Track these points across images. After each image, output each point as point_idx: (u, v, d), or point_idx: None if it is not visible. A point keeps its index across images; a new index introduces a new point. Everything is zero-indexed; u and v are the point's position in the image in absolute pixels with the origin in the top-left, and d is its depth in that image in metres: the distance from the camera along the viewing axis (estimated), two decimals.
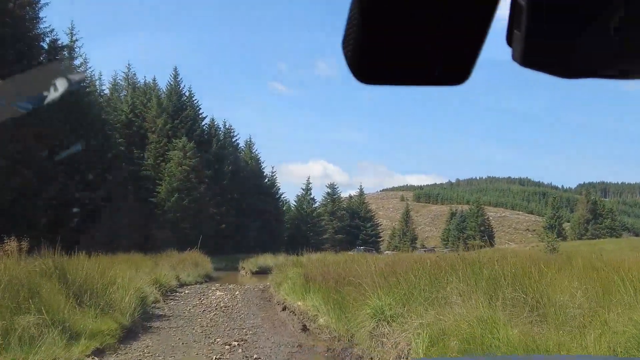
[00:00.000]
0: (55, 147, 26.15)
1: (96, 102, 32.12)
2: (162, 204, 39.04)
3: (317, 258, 20.03)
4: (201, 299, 12.74)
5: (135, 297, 8.31)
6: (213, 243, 40.73)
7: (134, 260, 14.51)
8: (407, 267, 7.97)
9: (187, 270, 18.97)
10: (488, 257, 7.35)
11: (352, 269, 10.04)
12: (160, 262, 17.37)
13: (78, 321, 5.91)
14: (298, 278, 11.03)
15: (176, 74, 46.12)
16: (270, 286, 15.27)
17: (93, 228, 29.54)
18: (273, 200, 53.72)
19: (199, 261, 21.94)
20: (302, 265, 13.12)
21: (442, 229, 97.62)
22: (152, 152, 40.92)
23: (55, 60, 27.95)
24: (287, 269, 13.87)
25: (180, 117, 44.18)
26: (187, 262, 20.26)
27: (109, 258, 12.56)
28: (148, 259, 16.78)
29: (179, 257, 21.22)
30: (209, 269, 22.57)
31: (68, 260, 7.86)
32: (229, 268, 28.78)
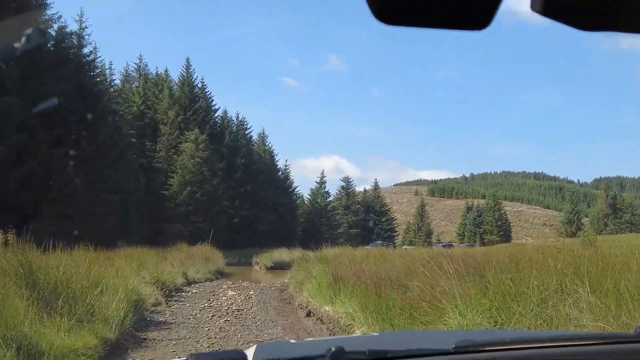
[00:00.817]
0: (62, 137, 24.86)
1: (106, 92, 30.75)
2: (174, 196, 37.77)
3: (336, 253, 18.40)
4: (210, 300, 11.20)
5: (127, 301, 6.70)
6: (226, 237, 39.42)
7: (137, 255, 12.95)
8: (479, 263, 6.24)
9: (196, 266, 17.23)
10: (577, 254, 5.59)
11: (390, 266, 8.44)
12: (168, 257, 15.83)
13: (44, 336, 4.42)
14: (324, 277, 9.39)
15: (188, 65, 44.75)
16: (290, 285, 13.60)
17: (101, 221, 28.27)
18: (287, 193, 52.22)
19: (210, 256, 20.17)
20: (327, 262, 11.45)
21: (458, 224, 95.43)
22: (164, 144, 39.64)
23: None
24: (310, 266, 12.15)
25: (193, 108, 42.83)
26: (197, 257, 18.61)
27: (109, 253, 11.06)
28: (155, 253, 15.24)
29: (189, 251, 19.67)
30: (221, 264, 20.63)
31: (41, 256, 6.31)
32: (242, 263, 27.22)
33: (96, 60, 29.98)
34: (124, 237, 30.83)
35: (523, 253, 12.92)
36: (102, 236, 28.55)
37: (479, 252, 17.50)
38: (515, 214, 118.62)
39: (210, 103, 45.48)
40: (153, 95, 42.16)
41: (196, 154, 39.53)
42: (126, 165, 31.62)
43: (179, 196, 37.77)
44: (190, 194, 37.79)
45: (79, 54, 27.29)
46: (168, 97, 41.80)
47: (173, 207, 37.41)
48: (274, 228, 47.52)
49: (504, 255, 11.99)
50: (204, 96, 45.03)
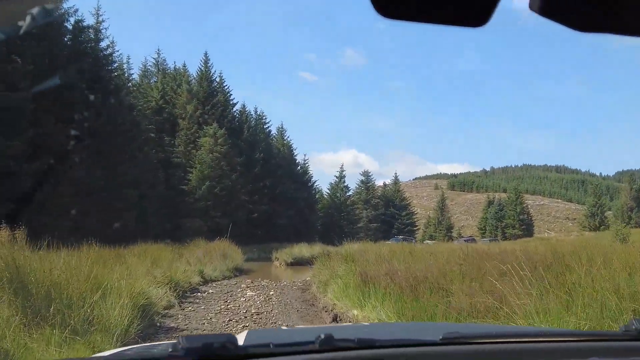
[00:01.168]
0: (79, 132, 24.44)
1: (124, 86, 30.32)
2: (193, 191, 37.34)
3: (359, 248, 17.56)
4: (227, 302, 10.29)
5: (133, 305, 5.96)
6: (244, 232, 38.89)
7: (152, 252, 12.29)
8: (532, 260, 5.33)
9: (214, 263, 16.25)
10: None
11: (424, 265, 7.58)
12: (184, 254, 15.14)
13: (30, 352, 3.73)
14: (351, 277, 8.56)
15: (206, 59, 44.22)
16: (312, 284, 12.76)
17: (120, 216, 27.89)
18: (306, 188, 51.50)
19: (228, 252, 19.22)
20: (353, 260, 10.59)
21: (479, 218, 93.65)
22: (182, 139, 39.21)
23: None
24: (334, 264, 11.26)
25: (211, 103, 42.33)
26: (215, 254, 17.66)
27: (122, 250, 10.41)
28: (171, 250, 14.59)
29: (207, 247, 18.86)
30: (239, 261, 19.57)
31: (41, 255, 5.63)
32: (262, 258, 26.48)
33: (113, 54, 29.54)
34: (142, 232, 30.50)
35: (562, 247, 11.85)
36: (121, 232, 28.23)
37: (508, 247, 16.49)
38: (537, 207, 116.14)
39: (228, 97, 44.93)
40: (171, 90, 41.76)
41: (215, 148, 39.02)
42: (144, 160, 31.20)
43: (197, 191, 37.34)
44: (209, 189, 37.33)
45: (95, 48, 26.85)
46: (186, 92, 41.36)
47: (192, 202, 36.99)
48: (293, 223, 46.89)
49: (541, 250, 10.95)
50: (222, 90, 44.50)
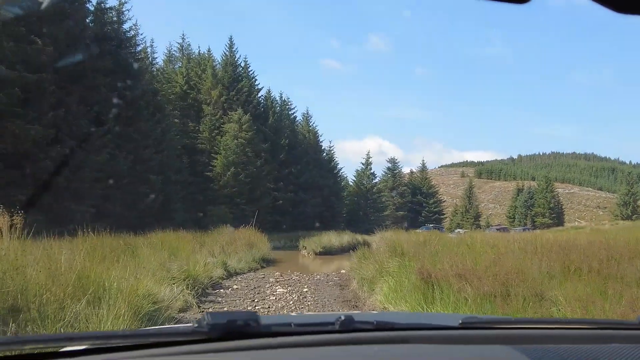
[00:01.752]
0: (102, 116, 23.62)
1: (147, 70, 29.38)
2: (217, 178, 36.46)
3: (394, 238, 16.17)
4: (254, 302, 8.80)
5: (132, 315, 4.68)
6: (269, 219, 37.96)
7: (171, 241, 11.15)
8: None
9: (239, 253, 14.69)
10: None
11: (487, 259, 6.22)
12: (207, 242, 13.97)
13: None
14: (405, 274, 7.12)
15: (231, 43, 43.09)
16: (352, 280, 11.17)
17: (144, 202, 27.12)
18: (332, 175, 50.20)
19: (254, 240, 17.78)
20: (403, 254, 9.11)
21: (507, 206, 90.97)
22: (207, 125, 38.29)
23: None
24: (381, 257, 9.70)
25: (236, 88, 41.26)
26: (239, 242, 16.28)
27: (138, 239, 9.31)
28: (192, 238, 13.44)
29: (231, 235, 17.49)
30: (266, 250, 17.87)
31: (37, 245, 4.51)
32: (288, 247, 25.27)
33: (137, 37, 28.59)
34: (166, 219, 29.77)
35: (615, 237, 10.25)
36: (144, 218, 27.49)
37: (552, 236, 14.90)
38: (567, 196, 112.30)
39: (253, 83, 43.78)
40: (196, 75, 40.83)
41: (240, 134, 38.02)
42: (169, 145, 30.34)
43: (222, 178, 36.46)
44: (233, 176, 36.40)
45: (118, 30, 25.90)
46: (211, 77, 40.37)
47: (217, 188, 36.15)
48: (319, 210, 45.75)
49: (598, 240, 9.41)
50: (247, 75, 43.36)
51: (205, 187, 36.12)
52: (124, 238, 9.81)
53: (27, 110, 19.21)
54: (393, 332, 1.33)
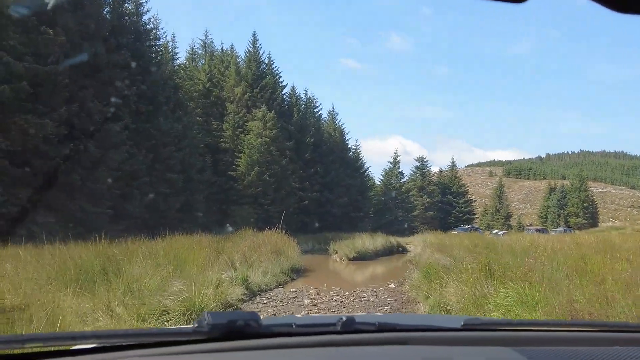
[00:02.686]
0: (119, 112, 22.09)
1: (167, 64, 27.83)
2: (241, 178, 34.78)
3: (438, 242, 14.03)
4: None
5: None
6: (295, 220, 36.14)
7: (181, 248, 9.15)
8: None
9: (263, 263, 12.02)
10: None
11: None
12: (227, 249, 11.80)
13: None
14: (517, 306, 4.94)
15: (255, 40, 41.41)
16: (420, 304, 8.48)
17: (165, 202, 25.56)
18: (358, 174, 48.08)
19: (281, 246, 14.83)
20: (490, 270, 6.83)
21: (539, 206, 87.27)
22: (230, 123, 36.67)
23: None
24: (468, 278, 6.96)
25: (260, 85, 39.56)
26: (264, 248, 13.61)
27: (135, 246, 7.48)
28: (209, 244, 11.43)
29: (255, 240, 14.66)
30: (295, 258, 14.66)
31: None
32: (317, 250, 23.16)
33: (157, 31, 27.06)
34: (188, 220, 28.21)
35: None
36: (164, 219, 25.93)
37: (602, 237, 12.56)
38: (600, 195, 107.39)
39: (277, 80, 42.02)
40: (219, 73, 39.29)
41: (264, 132, 36.30)
42: (190, 143, 28.77)
43: (246, 177, 34.77)
44: (258, 175, 34.68)
45: (136, 22, 24.38)
46: (234, 74, 38.77)
47: (240, 188, 34.48)
48: (346, 210, 43.72)
49: None
50: (271, 72, 41.61)
51: (228, 187, 34.52)
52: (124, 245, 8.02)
53: (37, 105, 17.75)
54: (395, 333, 1.31)
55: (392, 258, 19.86)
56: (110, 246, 7.75)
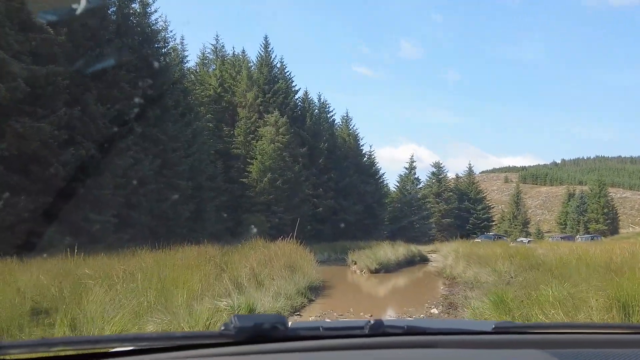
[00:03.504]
0: (124, 115, 20.88)
1: (176, 67, 26.64)
2: (253, 185, 33.43)
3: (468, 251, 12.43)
4: None
5: None
6: (309, 228, 34.67)
7: (179, 262, 7.67)
8: None
9: (275, 281, 10.04)
10: None
11: None
12: (233, 263, 10.02)
13: None
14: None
15: (267, 43, 40.27)
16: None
17: (174, 210, 24.24)
18: (373, 180, 46.46)
19: (295, 260, 12.54)
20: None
21: (557, 212, 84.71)
22: (242, 129, 35.43)
23: None
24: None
25: (272, 90, 38.31)
26: (277, 261, 11.55)
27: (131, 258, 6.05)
28: (214, 255, 9.88)
29: (266, 251, 12.51)
30: (312, 274, 12.21)
31: None
32: (334, 261, 21.49)
33: (166, 32, 25.89)
34: (199, 228, 26.89)
35: None
36: (173, 228, 24.61)
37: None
38: (619, 200, 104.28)
39: (290, 84, 40.73)
40: (230, 78, 38.13)
41: (276, 138, 34.98)
42: (200, 148, 27.48)
43: (258, 184, 33.42)
44: (270, 182, 33.31)
45: (142, 22, 23.23)
46: (246, 79, 37.56)
47: (253, 196, 33.11)
48: (360, 218, 42.11)
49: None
50: (284, 77, 40.34)
51: (240, 194, 33.18)
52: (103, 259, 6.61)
53: (35, 108, 16.58)
54: (423, 336, 1.30)
55: (415, 269, 18.15)
56: (85, 262, 6.36)
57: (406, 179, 50.01)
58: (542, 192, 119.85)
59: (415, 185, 50.22)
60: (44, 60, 16.99)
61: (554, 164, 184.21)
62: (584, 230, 74.01)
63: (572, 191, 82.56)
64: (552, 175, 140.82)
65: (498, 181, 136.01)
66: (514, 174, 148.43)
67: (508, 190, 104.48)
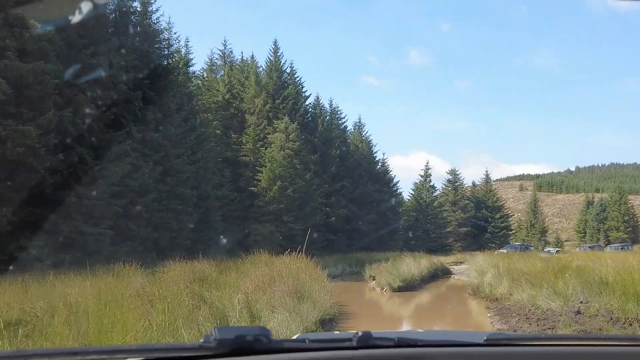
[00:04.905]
0: (121, 118, 19.25)
1: (180, 70, 25.05)
2: (263, 193, 31.64)
3: (509, 267, 10.46)
4: None
5: None
6: (321, 238, 32.72)
7: (124, 294, 5.47)
8: None
9: (276, 314, 7.69)
10: None
11: None
12: (225, 284, 7.95)
13: None
14: None
15: (276, 48, 38.69)
16: None
17: (177, 220, 22.50)
18: (387, 188, 44.42)
19: (304, 282, 9.80)
20: None
21: (575, 220, 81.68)
22: (250, 136, 33.74)
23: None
24: None
25: (282, 96, 36.64)
26: (281, 286, 8.94)
27: None
28: (208, 274, 7.97)
29: (269, 271, 9.88)
30: (325, 301, 9.42)
31: None
32: (348, 275, 19.45)
33: (169, 35, 24.39)
34: (205, 240, 25.13)
35: None
36: (177, 239, 22.83)
37: None
38: (638, 207, 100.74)
39: (300, 90, 39.03)
40: (239, 83, 36.56)
41: (286, 144, 33.24)
42: (206, 155, 25.79)
43: (268, 193, 31.62)
44: (280, 190, 31.50)
45: (143, 22, 21.69)
46: (254, 84, 35.95)
47: (262, 205, 31.30)
48: (374, 227, 40.03)
49: None
50: (294, 82, 38.68)
51: (249, 203, 31.41)
52: None
53: (21, 109, 14.96)
54: (414, 348, 1.25)
55: (442, 285, 16.15)
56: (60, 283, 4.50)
57: (421, 186, 47.84)
58: (559, 199, 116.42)
59: (431, 193, 48.03)
60: (32, 58, 15.42)
61: (568, 172, 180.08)
62: (604, 239, 71.13)
63: (590, 198, 79.52)
64: (568, 183, 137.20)
65: (512, 189, 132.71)
66: (529, 181, 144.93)
67: (524, 199, 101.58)
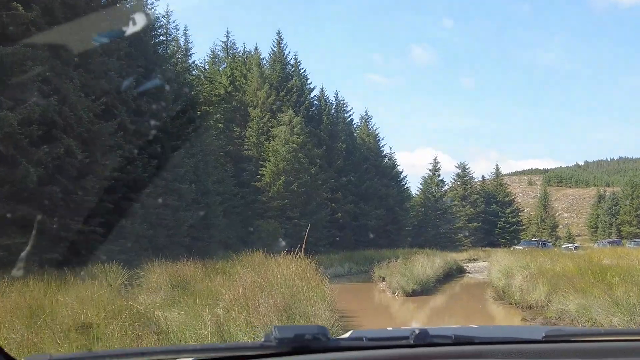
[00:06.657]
0: (112, 107, 17.97)
1: (175, 58, 23.73)
2: (266, 188, 30.39)
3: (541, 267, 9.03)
4: None
5: None
6: (327, 235, 31.40)
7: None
8: None
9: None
10: None
11: None
12: (199, 297, 6.58)
13: None
14: None
15: (280, 39, 37.35)
16: None
17: (176, 217, 21.26)
18: (395, 183, 42.97)
19: (299, 292, 7.72)
20: None
21: (586, 215, 79.80)
22: (254, 129, 32.48)
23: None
24: None
25: (285, 88, 35.30)
26: (267, 299, 6.90)
27: None
28: (192, 279, 6.64)
29: (256, 277, 8.05)
30: (325, 317, 7.12)
31: None
32: (355, 274, 18.04)
33: (167, 22, 23.09)
34: (205, 237, 23.92)
35: None
36: (175, 237, 21.60)
37: None
38: None
39: (305, 82, 37.67)
40: (241, 76, 35.24)
41: (291, 138, 31.93)
42: (206, 148, 24.51)
43: (272, 188, 30.37)
44: (284, 185, 30.24)
45: (137, 5, 20.39)
46: (257, 76, 34.63)
47: (265, 200, 30.06)
48: (382, 223, 38.67)
49: None
50: (298, 74, 37.31)
51: (252, 199, 30.15)
52: None
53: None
54: (472, 346, 1.23)
55: (458, 287, 14.83)
56: None
57: (430, 181, 46.31)
58: (569, 194, 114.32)
59: (440, 188, 46.50)
60: (15, 40, 14.15)
61: (577, 166, 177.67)
62: (616, 234, 69.39)
63: (602, 192, 77.57)
64: (578, 177, 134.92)
65: (521, 184, 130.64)
66: (537, 176, 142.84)
67: (533, 193, 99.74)
